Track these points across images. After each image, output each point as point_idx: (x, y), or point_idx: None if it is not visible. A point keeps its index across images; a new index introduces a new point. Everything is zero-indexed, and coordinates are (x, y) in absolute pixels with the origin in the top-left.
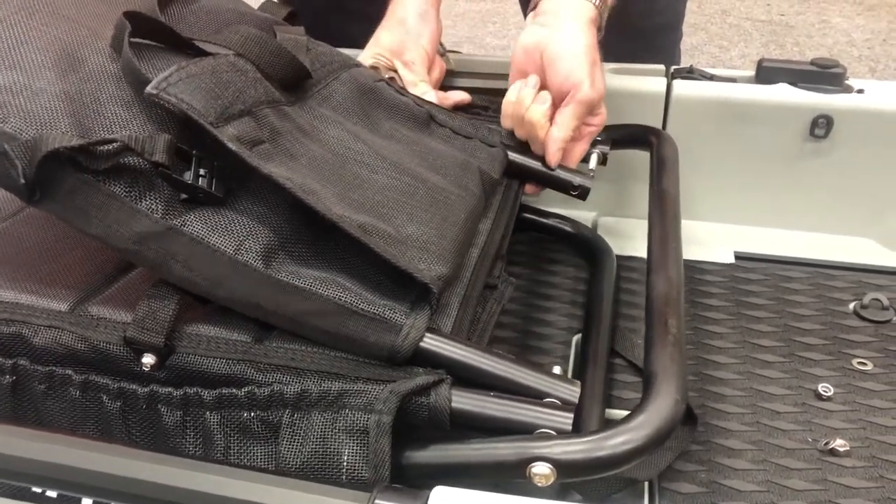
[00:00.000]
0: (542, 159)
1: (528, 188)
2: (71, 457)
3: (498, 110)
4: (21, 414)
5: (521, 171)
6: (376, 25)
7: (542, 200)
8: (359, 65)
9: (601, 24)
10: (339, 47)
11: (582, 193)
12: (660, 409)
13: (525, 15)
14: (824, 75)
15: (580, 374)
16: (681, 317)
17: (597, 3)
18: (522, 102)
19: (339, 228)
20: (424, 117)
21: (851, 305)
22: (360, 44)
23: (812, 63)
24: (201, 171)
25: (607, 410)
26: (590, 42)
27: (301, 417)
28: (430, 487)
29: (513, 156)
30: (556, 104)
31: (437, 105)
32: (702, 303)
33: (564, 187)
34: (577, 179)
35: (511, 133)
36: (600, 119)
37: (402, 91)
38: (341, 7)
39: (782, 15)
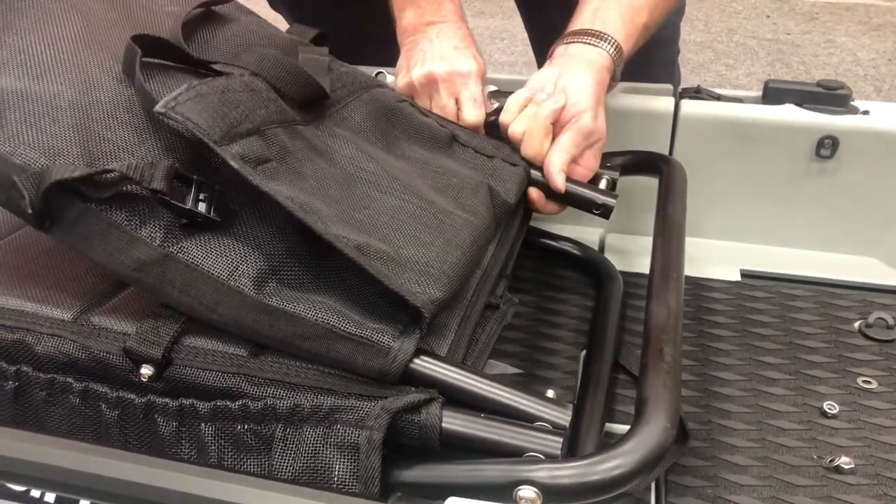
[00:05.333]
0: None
1: (550, 207)
2: (69, 460)
3: None
4: (22, 420)
5: (543, 189)
6: (392, 45)
7: (550, 217)
8: (382, 85)
9: (616, 73)
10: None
11: (605, 212)
12: (649, 436)
13: (539, 63)
14: (830, 96)
15: (580, 395)
16: (677, 345)
17: (611, 53)
18: (534, 97)
19: (335, 249)
20: (446, 137)
21: (856, 324)
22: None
23: (818, 84)
24: (201, 196)
25: (609, 425)
26: (598, 81)
27: (293, 432)
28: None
29: (535, 174)
30: (557, 132)
31: (460, 125)
32: (708, 320)
33: (588, 206)
34: (600, 198)
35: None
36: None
37: (426, 111)
38: (358, 32)
39: (788, 34)
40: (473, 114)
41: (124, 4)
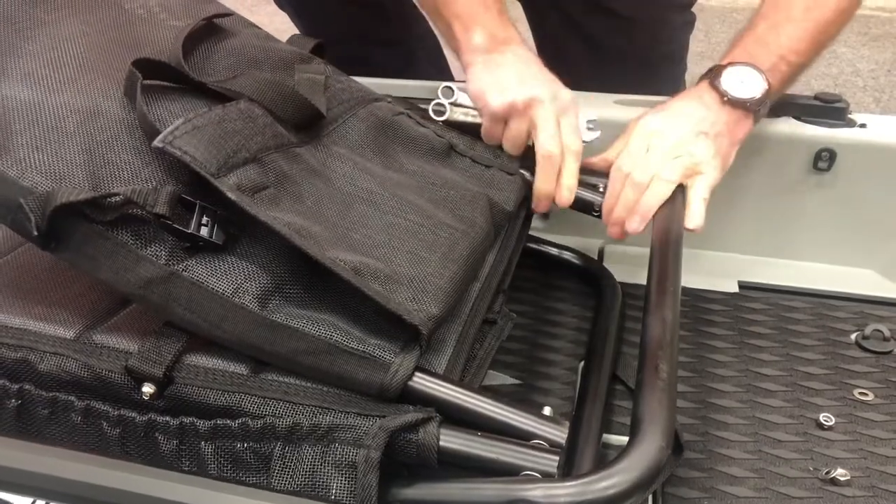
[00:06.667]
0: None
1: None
2: (75, 471)
3: None
4: (25, 437)
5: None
6: (399, 50)
7: (550, 227)
8: (379, 98)
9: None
10: (363, 74)
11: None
12: (644, 455)
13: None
14: (828, 109)
15: (577, 410)
16: (673, 361)
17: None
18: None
19: (332, 272)
20: (444, 148)
21: (853, 336)
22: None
23: (816, 97)
24: (204, 220)
25: (606, 436)
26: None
27: (292, 450)
28: None
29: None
30: None
31: (459, 134)
32: (706, 331)
33: (587, 208)
34: (598, 200)
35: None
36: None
37: (424, 122)
38: (364, 36)
39: None
40: (575, 142)
41: (128, 21)
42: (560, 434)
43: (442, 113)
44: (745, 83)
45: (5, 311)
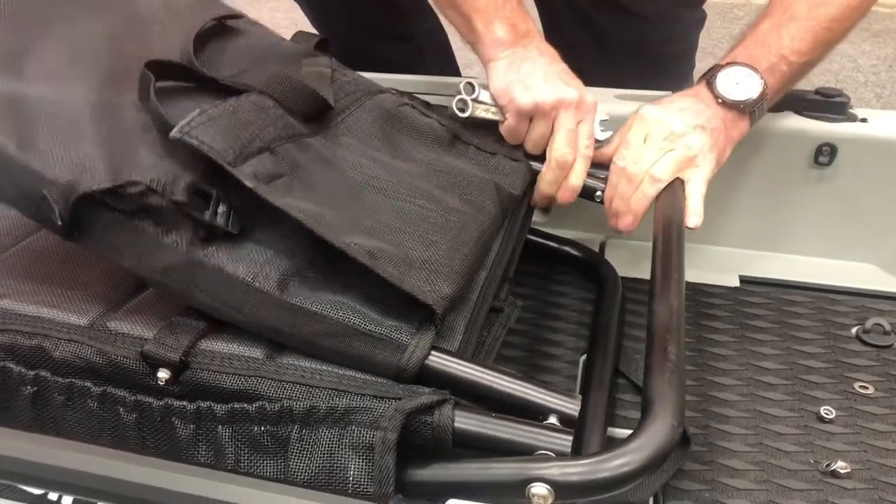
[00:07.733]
0: None
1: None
2: (89, 464)
3: None
4: (41, 424)
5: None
6: (408, 45)
7: (551, 221)
8: (383, 91)
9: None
10: (372, 69)
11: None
12: (657, 433)
13: None
14: (829, 104)
15: (584, 396)
16: (681, 344)
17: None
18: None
19: (348, 255)
20: (448, 137)
21: (854, 330)
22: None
23: (817, 92)
24: (220, 209)
25: (610, 429)
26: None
27: (309, 433)
28: (443, 502)
29: (537, 166)
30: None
31: (461, 124)
32: (707, 325)
33: (589, 195)
34: (601, 186)
35: None
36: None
37: (427, 112)
38: (374, 30)
39: None
40: (588, 148)
41: (138, 16)
42: (574, 407)
43: (465, 110)
44: (741, 84)
45: (19, 299)
